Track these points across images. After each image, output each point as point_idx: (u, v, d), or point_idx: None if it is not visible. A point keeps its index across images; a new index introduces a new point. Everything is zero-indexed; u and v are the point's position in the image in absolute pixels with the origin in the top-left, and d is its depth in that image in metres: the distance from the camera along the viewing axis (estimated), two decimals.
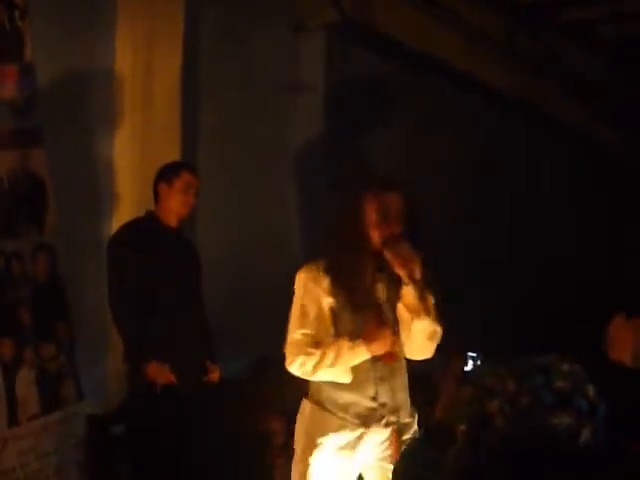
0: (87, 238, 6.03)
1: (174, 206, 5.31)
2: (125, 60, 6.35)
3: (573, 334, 4.49)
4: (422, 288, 3.92)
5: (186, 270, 5.41)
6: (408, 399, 4.14)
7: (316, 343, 4.00)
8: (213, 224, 6.77)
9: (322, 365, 3.96)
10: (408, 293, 3.93)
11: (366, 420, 4.03)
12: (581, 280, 9.16)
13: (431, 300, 4.01)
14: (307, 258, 7.43)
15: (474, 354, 3.49)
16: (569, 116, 10.29)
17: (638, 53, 10.77)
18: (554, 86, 10.11)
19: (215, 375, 5.44)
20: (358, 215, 3.96)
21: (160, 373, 5.13)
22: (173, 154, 6.18)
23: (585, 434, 2.33)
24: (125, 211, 6.12)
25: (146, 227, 5.32)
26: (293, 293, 4.16)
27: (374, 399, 4.03)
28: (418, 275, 3.88)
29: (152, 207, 5.40)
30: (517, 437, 2.37)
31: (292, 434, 4.22)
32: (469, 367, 3.56)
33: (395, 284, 3.97)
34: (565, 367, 2.43)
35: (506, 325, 8.02)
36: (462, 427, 2.44)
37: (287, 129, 7.49)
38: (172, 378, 5.15)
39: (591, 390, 2.40)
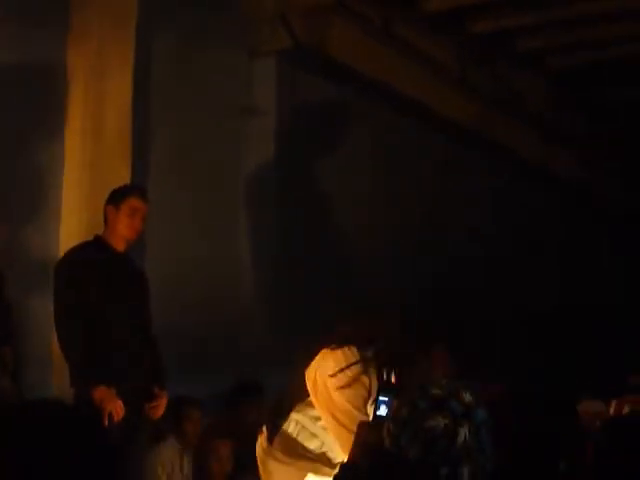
0: (34, 260, 5.97)
1: (121, 229, 5.29)
2: (76, 84, 6.35)
3: None
4: None
5: (134, 294, 5.38)
6: None
7: None
8: (163, 248, 6.73)
9: None
10: None
11: None
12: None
13: None
14: (258, 284, 7.50)
15: (385, 398, 3.50)
16: (524, 146, 10.39)
17: (588, 83, 10.92)
18: (508, 116, 10.21)
19: (163, 401, 5.39)
20: None
21: (107, 398, 5.06)
22: (123, 178, 6.15)
23: (463, 433, 2.47)
24: (73, 233, 6.08)
25: (94, 251, 5.29)
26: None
27: None
28: None
29: (101, 228, 5.36)
30: (401, 450, 2.49)
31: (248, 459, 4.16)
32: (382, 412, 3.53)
33: None
34: (444, 381, 2.61)
35: None
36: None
37: (239, 153, 7.49)
38: (119, 405, 5.08)
39: (467, 396, 2.55)
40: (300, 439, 3.94)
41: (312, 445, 3.93)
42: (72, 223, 6.20)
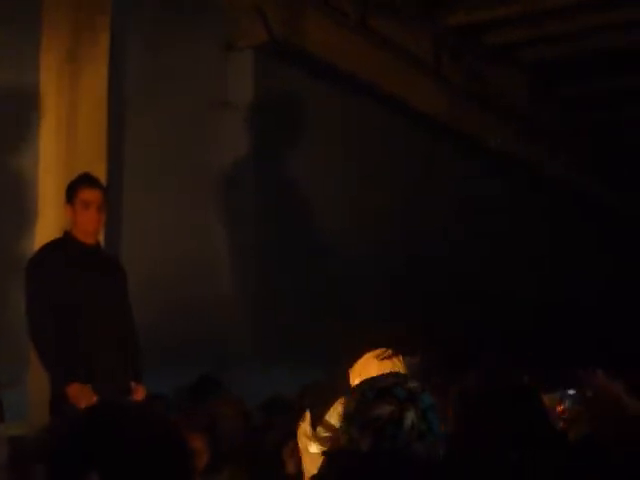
0: (9, 257, 5.95)
1: (82, 225, 5.25)
2: (50, 79, 6.28)
3: None
4: None
5: (109, 286, 5.35)
6: None
7: None
8: (140, 244, 6.72)
9: None
10: None
11: None
12: None
13: None
14: (236, 280, 7.50)
15: None
16: (494, 138, 10.42)
17: (559, 76, 10.98)
18: (481, 109, 10.24)
19: (139, 395, 5.37)
20: None
21: (82, 395, 5.05)
22: (99, 174, 6.10)
23: (410, 417, 2.53)
24: (49, 230, 6.04)
25: (64, 247, 5.27)
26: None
27: None
28: None
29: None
30: (354, 443, 2.54)
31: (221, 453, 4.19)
32: None
33: None
34: (391, 375, 2.66)
35: None
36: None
37: (216, 146, 7.48)
38: (95, 401, 5.06)
39: (413, 384, 2.62)
40: None
41: None
42: (48, 220, 6.15)
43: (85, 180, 5.38)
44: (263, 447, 6.13)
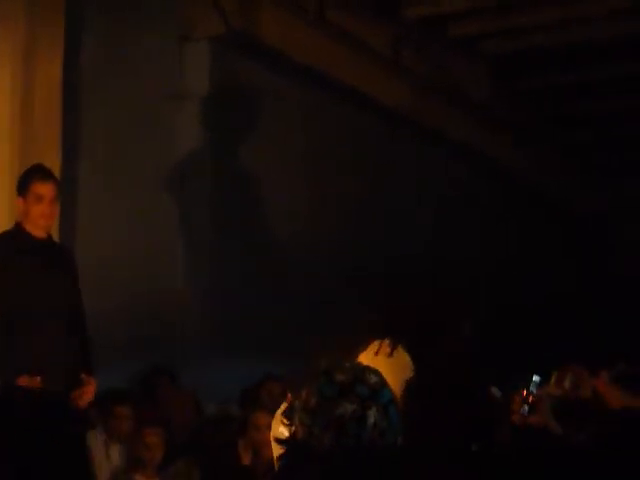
0: None
1: (34, 219, 5.22)
2: (4, 69, 6.25)
3: None
4: None
5: (59, 279, 5.32)
6: None
7: None
8: (95, 235, 6.70)
9: None
10: None
11: None
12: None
13: None
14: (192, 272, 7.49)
15: None
16: (458, 130, 10.44)
17: (522, 69, 11.02)
18: (443, 101, 10.26)
19: (90, 387, 5.34)
20: None
21: (32, 387, 5.03)
22: (53, 164, 6.08)
23: (372, 415, 2.52)
24: (3, 221, 6.00)
25: (15, 239, 5.24)
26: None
27: None
28: None
29: None
30: (315, 439, 2.52)
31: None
32: None
33: None
34: (347, 364, 2.65)
35: None
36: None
37: (172, 138, 7.45)
38: (45, 390, 5.04)
39: (373, 377, 2.60)
40: None
41: None
42: (2, 211, 6.13)
43: (38, 172, 5.35)
44: (217, 439, 6.14)
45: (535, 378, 3.92)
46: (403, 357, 3.58)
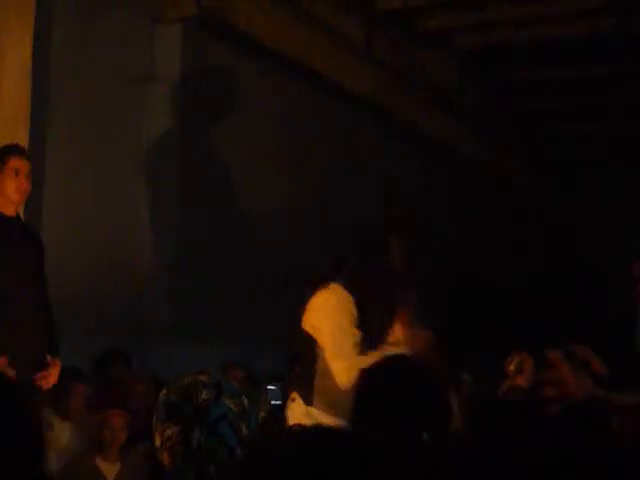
0: None
1: (8, 193, 5.17)
2: None
3: None
4: None
5: (27, 260, 5.26)
6: None
7: None
8: (62, 216, 6.64)
9: None
10: None
11: None
12: None
13: None
14: (160, 253, 7.44)
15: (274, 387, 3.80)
16: (427, 121, 10.47)
17: (494, 62, 11.08)
18: (413, 92, 10.28)
19: (55, 369, 5.28)
20: None
21: None
22: (21, 143, 6.01)
23: (195, 437, 2.60)
24: None
25: None
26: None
27: None
28: None
29: None
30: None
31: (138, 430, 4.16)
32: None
33: None
34: (185, 380, 2.71)
35: None
36: None
37: (142, 120, 7.39)
38: (10, 374, 4.97)
39: (204, 393, 2.66)
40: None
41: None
42: None
43: (15, 149, 5.35)
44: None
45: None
46: (336, 287, 4.25)
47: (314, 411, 4.20)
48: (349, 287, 4.27)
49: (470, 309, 10.07)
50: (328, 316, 4.25)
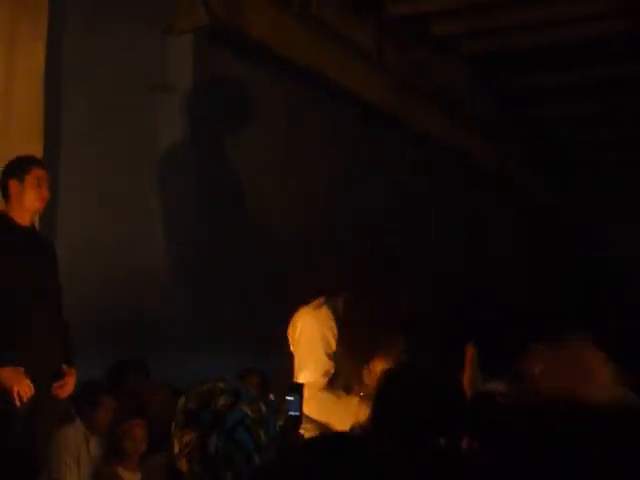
0: None
1: (29, 202, 5.21)
2: None
3: None
4: None
5: (43, 269, 5.29)
6: None
7: None
8: (77, 225, 6.66)
9: None
10: None
11: None
12: None
13: None
14: (176, 263, 7.45)
15: (292, 398, 3.78)
16: (436, 128, 10.48)
17: (500, 69, 11.10)
18: (423, 99, 10.29)
19: (71, 378, 5.30)
20: None
21: (14, 378, 4.96)
22: (34, 154, 6.03)
23: (212, 443, 2.62)
24: None
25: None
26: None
27: None
28: None
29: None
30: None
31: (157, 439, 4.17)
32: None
33: None
34: (204, 387, 2.72)
35: None
36: None
37: (155, 130, 7.41)
38: (27, 384, 4.98)
39: (222, 400, 2.67)
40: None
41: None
42: None
43: (34, 160, 5.41)
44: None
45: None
46: (325, 311, 4.29)
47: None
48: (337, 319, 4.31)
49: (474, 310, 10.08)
50: (309, 340, 4.36)
